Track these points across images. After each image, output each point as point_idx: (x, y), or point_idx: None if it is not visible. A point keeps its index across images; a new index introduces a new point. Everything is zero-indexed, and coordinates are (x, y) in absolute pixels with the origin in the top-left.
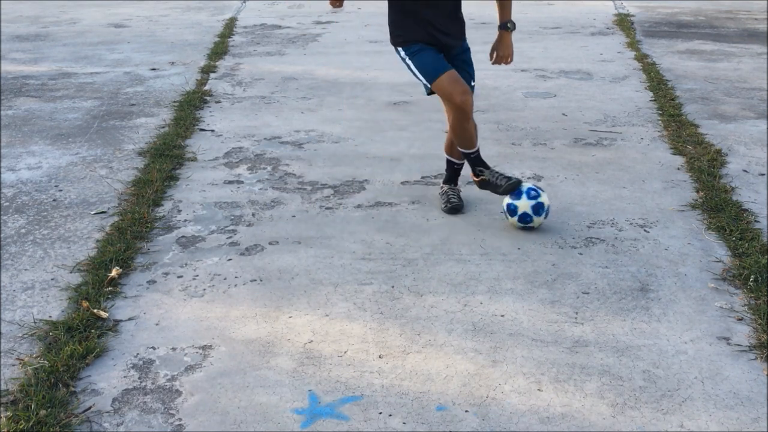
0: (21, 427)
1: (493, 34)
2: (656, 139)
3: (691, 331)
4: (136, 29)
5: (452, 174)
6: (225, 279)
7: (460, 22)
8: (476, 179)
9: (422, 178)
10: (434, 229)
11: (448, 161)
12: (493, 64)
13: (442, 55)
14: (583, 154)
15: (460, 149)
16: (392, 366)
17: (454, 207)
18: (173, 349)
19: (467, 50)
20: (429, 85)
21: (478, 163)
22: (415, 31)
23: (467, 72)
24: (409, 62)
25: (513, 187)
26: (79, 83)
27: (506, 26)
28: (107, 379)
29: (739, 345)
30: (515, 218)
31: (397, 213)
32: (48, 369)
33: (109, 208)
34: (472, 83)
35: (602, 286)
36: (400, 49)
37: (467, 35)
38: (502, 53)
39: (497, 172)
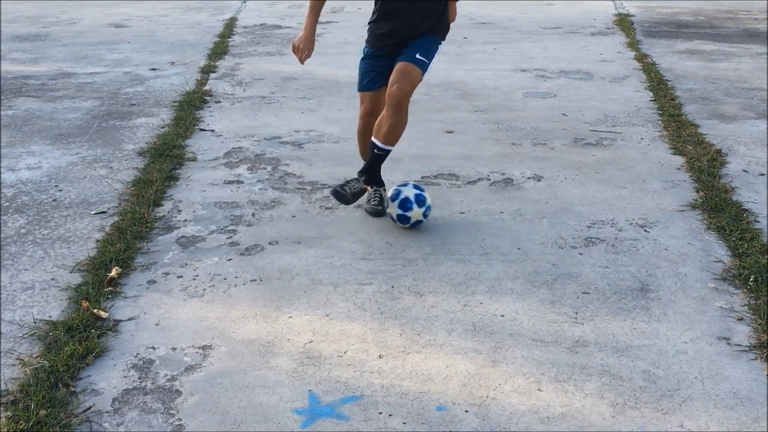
0: (21, 427)
1: (494, 33)
2: (656, 139)
3: (691, 331)
4: (136, 29)
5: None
6: (225, 279)
7: (432, 22)
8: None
9: (422, 178)
10: (434, 229)
11: (371, 144)
12: None
13: (382, 64)
14: (583, 154)
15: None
16: (392, 366)
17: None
18: (173, 349)
19: (429, 38)
20: (357, 85)
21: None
22: (375, 36)
23: (415, 47)
24: (362, 54)
25: (374, 214)
26: (79, 83)
27: None
28: (107, 379)
29: (739, 345)
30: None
31: None
32: (48, 369)
33: (109, 208)
34: (417, 55)
35: (602, 286)
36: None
37: (466, 34)
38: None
39: (355, 185)
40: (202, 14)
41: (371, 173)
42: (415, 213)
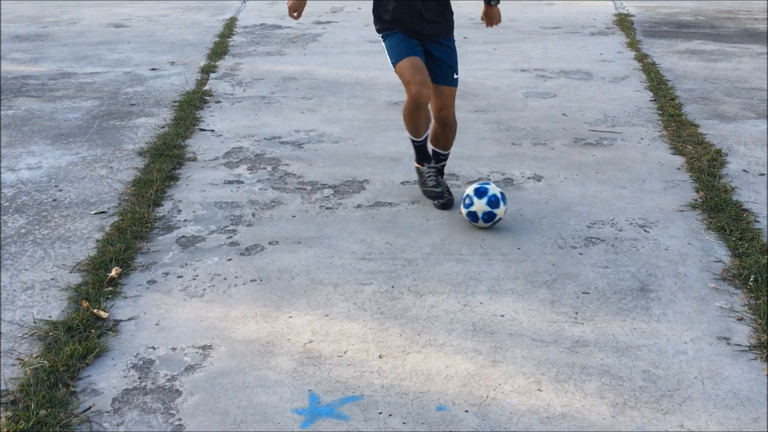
0: (21, 427)
1: (494, 34)
2: (656, 139)
3: (691, 331)
4: (136, 29)
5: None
6: (225, 279)
7: (445, 17)
8: (416, 164)
9: None
10: (434, 229)
11: (433, 152)
12: (487, 26)
13: (417, 42)
14: (583, 154)
15: (407, 132)
16: (392, 366)
17: (439, 195)
18: (173, 349)
19: (450, 46)
20: (392, 66)
21: (421, 153)
22: (394, 21)
23: (448, 66)
24: (384, 43)
25: (433, 197)
26: (79, 83)
27: (490, 2)
28: (107, 379)
29: (739, 345)
30: (481, 221)
31: (397, 213)
32: (48, 369)
33: (109, 208)
34: (455, 76)
35: (602, 286)
36: (380, 35)
37: (466, 34)
38: (491, 17)
39: (433, 175)
40: (202, 14)
41: (442, 166)
42: (501, 210)
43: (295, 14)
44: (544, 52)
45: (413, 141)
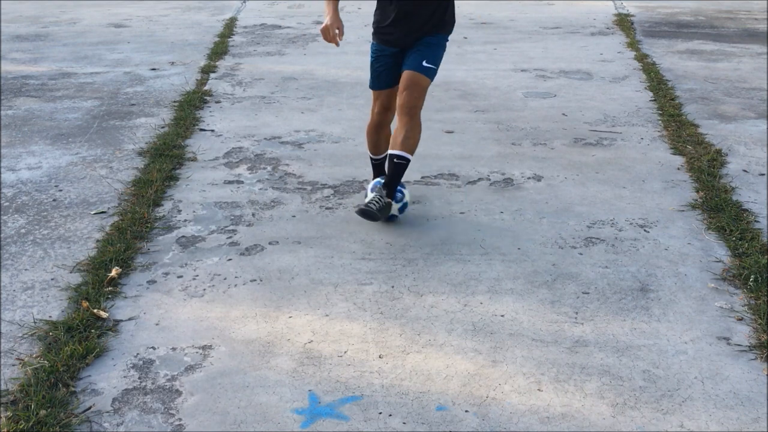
0: (21, 427)
1: (494, 34)
2: (656, 139)
3: (691, 331)
4: (136, 29)
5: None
6: (225, 279)
7: (443, 17)
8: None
9: (422, 178)
10: (434, 229)
11: (389, 156)
12: None
13: (392, 62)
14: (583, 154)
15: (367, 148)
16: (392, 366)
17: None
18: (173, 349)
19: (436, 41)
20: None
21: (377, 171)
22: (383, 27)
23: (422, 52)
24: (370, 49)
25: (362, 214)
26: (79, 83)
27: None
28: (107, 379)
29: (739, 345)
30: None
31: None
32: (48, 369)
33: (109, 208)
34: (424, 63)
35: (602, 286)
36: (372, 39)
37: (466, 34)
38: None
39: (376, 196)
40: (202, 14)
41: (394, 185)
42: None
43: (337, 33)
44: (544, 52)
45: (371, 158)
